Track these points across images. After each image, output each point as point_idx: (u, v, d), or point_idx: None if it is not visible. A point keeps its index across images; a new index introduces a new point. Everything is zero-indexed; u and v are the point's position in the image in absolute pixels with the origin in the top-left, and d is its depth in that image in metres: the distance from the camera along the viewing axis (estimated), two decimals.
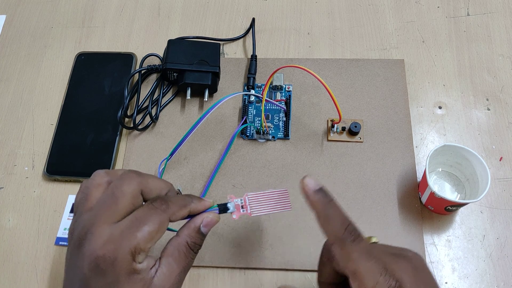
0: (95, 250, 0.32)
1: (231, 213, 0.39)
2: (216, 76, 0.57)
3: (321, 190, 0.36)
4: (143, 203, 0.36)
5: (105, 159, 0.54)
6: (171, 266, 0.34)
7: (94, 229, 0.33)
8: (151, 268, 0.33)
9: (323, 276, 0.37)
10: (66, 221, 0.52)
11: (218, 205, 0.38)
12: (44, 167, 0.55)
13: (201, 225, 0.36)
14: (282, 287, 0.42)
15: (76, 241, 0.33)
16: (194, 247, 0.36)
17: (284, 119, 0.56)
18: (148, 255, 0.34)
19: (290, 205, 0.40)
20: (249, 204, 0.39)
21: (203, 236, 0.36)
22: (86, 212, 0.34)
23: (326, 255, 0.36)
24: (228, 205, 0.39)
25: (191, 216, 0.37)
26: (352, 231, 0.34)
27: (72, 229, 0.35)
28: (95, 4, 0.67)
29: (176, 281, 0.34)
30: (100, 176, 0.36)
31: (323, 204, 0.35)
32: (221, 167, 0.53)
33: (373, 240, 0.37)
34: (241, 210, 0.39)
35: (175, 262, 0.34)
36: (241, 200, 0.39)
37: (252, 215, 0.39)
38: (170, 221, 0.35)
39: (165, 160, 0.52)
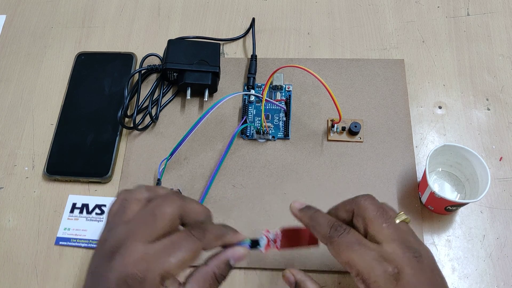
0: (126, 266, 0.31)
1: (258, 247, 0.39)
2: (216, 76, 0.57)
3: (306, 207, 0.39)
4: (180, 226, 0.35)
5: (105, 159, 0.54)
6: None
7: (129, 244, 0.32)
8: None
9: None
10: (66, 221, 0.52)
11: (251, 241, 0.38)
12: (44, 167, 0.55)
13: (231, 258, 0.36)
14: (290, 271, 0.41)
15: (107, 252, 0.33)
16: (220, 278, 0.35)
17: (284, 119, 0.56)
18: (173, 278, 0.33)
19: (318, 243, 0.40)
20: (280, 239, 0.39)
21: (230, 268, 0.36)
22: (122, 225, 0.34)
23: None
24: (260, 241, 0.39)
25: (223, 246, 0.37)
26: (338, 227, 0.36)
27: (104, 238, 0.34)
28: (95, 4, 0.67)
29: None
30: (140, 192, 0.36)
31: (308, 216, 0.38)
32: (221, 167, 0.53)
33: (403, 217, 0.37)
34: (271, 245, 0.39)
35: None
36: (274, 235, 0.39)
37: (280, 250, 0.39)
38: (204, 249, 0.35)
39: (165, 160, 0.52)
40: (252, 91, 0.57)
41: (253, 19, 0.62)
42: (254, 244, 0.38)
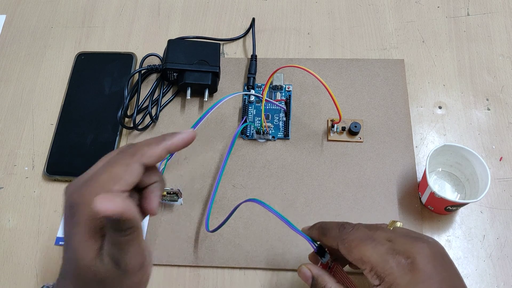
0: (69, 195, 0.33)
1: (321, 260, 0.39)
2: (216, 76, 0.57)
3: (313, 224, 0.40)
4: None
5: None
6: None
7: (75, 181, 0.34)
8: None
9: None
10: None
11: (320, 246, 0.39)
12: (44, 167, 0.55)
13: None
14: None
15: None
16: (109, 227, 0.31)
17: (284, 119, 0.56)
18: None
19: None
20: (335, 271, 0.39)
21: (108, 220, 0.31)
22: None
23: None
24: (326, 255, 0.39)
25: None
26: (346, 225, 0.37)
27: None
28: (95, 4, 0.67)
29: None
30: None
31: (317, 226, 0.39)
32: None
33: (397, 224, 0.38)
34: (329, 265, 0.39)
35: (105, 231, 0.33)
36: (331, 262, 0.39)
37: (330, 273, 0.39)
38: (146, 164, 0.34)
39: (165, 160, 0.52)
40: (252, 91, 0.57)
41: (253, 19, 0.62)
42: (321, 251, 0.39)
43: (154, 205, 0.36)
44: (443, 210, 0.48)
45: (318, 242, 0.39)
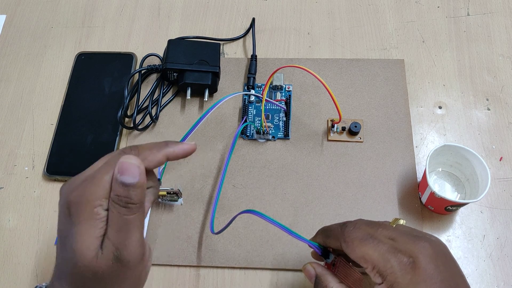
0: (67, 194, 0.32)
1: (325, 260, 0.39)
2: (216, 76, 0.57)
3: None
4: None
5: None
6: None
7: (72, 180, 0.34)
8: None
9: None
10: None
11: (323, 248, 0.39)
12: (44, 167, 0.55)
13: (117, 173, 0.32)
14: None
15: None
16: (119, 201, 0.31)
17: (284, 119, 0.56)
18: None
19: None
20: (338, 265, 0.39)
21: (125, 185, 0.31)
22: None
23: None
24: (330, 255, 0.39)
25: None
26: (347, 224, 0.37)
27: None
28: (95, 4, 0.67)
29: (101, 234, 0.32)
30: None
31: (321, 230, 0.40)
32: (221, 167, 0.53)
33: (400, 222, 0.38)
34: (332, 266, 0.39)
35: (110, 217, 0.32)
36: (335, 257, 0.39)
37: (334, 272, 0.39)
38: (146, 168, 0.33)
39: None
40: (252, 91, 0.57)
41: (253, 19, 0.62)
42: (325, 253, 0.39)
43: (145, 209, 0.35)
44: (443, 210, 0.48)
45: (321, 245, 0.39)
